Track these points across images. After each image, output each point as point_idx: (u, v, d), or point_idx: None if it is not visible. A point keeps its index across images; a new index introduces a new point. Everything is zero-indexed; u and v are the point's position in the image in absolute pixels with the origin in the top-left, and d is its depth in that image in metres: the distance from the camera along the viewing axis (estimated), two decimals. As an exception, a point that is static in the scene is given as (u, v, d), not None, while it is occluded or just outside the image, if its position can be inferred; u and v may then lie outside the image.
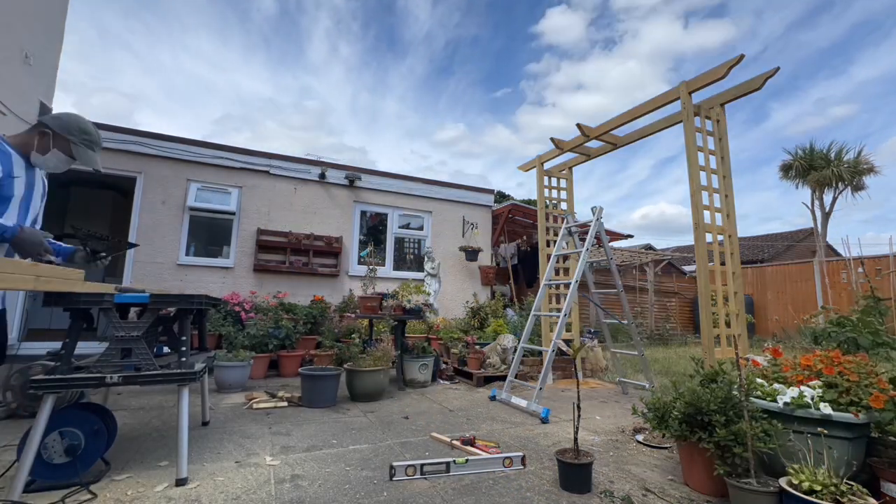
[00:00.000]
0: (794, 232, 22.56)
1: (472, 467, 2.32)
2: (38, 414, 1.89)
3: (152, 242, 5.85)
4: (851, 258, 8.75)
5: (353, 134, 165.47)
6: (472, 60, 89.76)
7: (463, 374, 5.25)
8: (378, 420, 3.31)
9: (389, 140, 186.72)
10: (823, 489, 1.62)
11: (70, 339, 2.07)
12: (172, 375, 2.14)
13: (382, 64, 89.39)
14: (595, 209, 4.30)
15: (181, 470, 2.09)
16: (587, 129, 4.49)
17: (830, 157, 16.81)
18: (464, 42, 75.87)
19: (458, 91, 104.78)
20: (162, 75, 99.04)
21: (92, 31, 39.42)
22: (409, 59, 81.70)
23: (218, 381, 4.23)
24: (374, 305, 4.69)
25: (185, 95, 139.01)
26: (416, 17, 59.99)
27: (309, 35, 62.05)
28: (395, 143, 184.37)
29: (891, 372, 2.14)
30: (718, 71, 3.36)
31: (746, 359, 2.49)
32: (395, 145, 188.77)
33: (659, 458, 2.64)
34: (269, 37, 62.15)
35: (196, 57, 67.02)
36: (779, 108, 59.93)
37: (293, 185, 6.85)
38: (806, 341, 4.94)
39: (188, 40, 52.42)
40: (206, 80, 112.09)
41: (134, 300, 2.18)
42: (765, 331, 11.80)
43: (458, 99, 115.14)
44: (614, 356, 4.80)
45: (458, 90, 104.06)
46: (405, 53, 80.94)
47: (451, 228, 7.97)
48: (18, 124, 4.92)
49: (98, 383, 1.99)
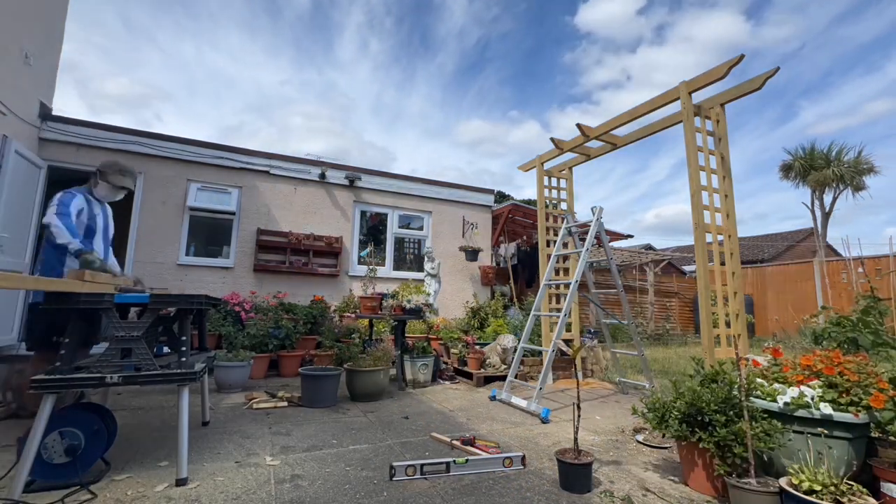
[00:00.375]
0: (794, 232, 22.57)
1: (472, 467, 2.32)
2: (39, 414, 1.89)
3: (152, 242, 5.85)
4: (851, 258, 8.76)
5: (373, 132, 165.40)
6: (502, 56, 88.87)
7: (463, 374, 5.25)
8: (378, 420, 3.31)
9: (410, 139, 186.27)
10: (823, 489, 1.62)
11: (70, 340, 2.07)
12: (173, 375, 2.14)
13: (412, 60, 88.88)
14: (595, 209, 4.30)
15: (181, 470, 2.09)
16: (587, 129, 4.48)
17: (830, 157, 16.83)
18: (496, 37, 75.10)
19: (486, 88, 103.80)
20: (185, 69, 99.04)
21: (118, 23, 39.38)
22: (441, 55, 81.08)
23: (218, 381, 4.23)
24: (374, 305, 4.68)
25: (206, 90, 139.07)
26: (451, 12, 59.55)
27: (340, 30, 61.71)
28: (416, 141, 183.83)
29: (891, 372, 2.14)
30: (718, 71, 3.36)
31: (746, 359, 2.49)
32: (415, 144, 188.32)
33: (659, 458, 2.64)
34: (297, 31, 61.82)
35: (221, 51, 66.74)
36: (808, 107, 58.69)
37: (293, 185, 6.85)
38: (806, 341, 4.94)
39: (216, 34, 52.18)
40: (229, 75, 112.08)
41: (134, 300, 2.19)
42: (765, 331, 11.80)
43: (484, 97, 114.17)
44: (614, 356, 4.80)
45: (485, 87, 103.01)
46: (437, 49, 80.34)
47: (451, 228, 7.97)
48: (18, 124, 4.92)
49: (98, 383, 1.99)
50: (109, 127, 5.83)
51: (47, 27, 5.40)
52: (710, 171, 3.60)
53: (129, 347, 2.13)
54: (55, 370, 1.99)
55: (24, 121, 5.03)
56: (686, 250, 20.21)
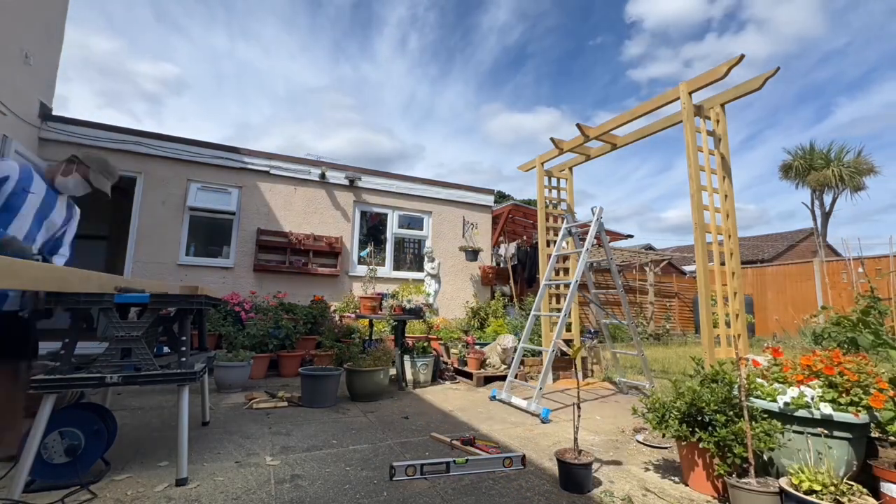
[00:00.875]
0: (794, 232, 22.57)
1: (471, 467, 2.32)
2: (38, 414, 1.89)
3: (152, 242, 5.85)
4: (851, 258, 8.75)
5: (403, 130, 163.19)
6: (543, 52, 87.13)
7: (463, 374, 5.25)
8: (378, 420, 3.31)
9: (440, 134, 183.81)
10: (823, 489, 1.62)
11: (70, 339, 2.07)
12: (172, 375, 2.13)
13: (451, 56, 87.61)
14: (595, 209, 4.30)
15: (181, 470, 2.09)
16: (587, 129, 4.49)
17: (830, 157, 16.83)
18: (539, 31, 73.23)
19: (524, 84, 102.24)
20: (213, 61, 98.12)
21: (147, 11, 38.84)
22: (479, 51, 79.51)
23: (218, 381, 4.23)
24: (374, 305, 4.69)
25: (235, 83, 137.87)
26: (497, 5, 57.59)
27: (379, 24, 60.36)
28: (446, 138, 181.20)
29: (891, 372, 2.14)
30: (718, 71, 3.36)
31: (746, 359, 2.49)
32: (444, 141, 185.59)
33: (659, 458, 2.64)
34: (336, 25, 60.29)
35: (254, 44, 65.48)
36: (845, 104, 57.21)
37: (293, 186, 6.85)
38: (806, 341, 4.94)
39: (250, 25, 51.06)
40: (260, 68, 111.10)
41: (134, 300, 2.18)
42: (765, 331, 11.80)
43: (520, 93, 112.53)
44: (614, 356, 4.80)
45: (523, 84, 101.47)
46: (478, 44, 78.83)
47: (451, 228, 7.97)
48: (18, 124, 4.92)
49: (98, 383, 1.99)
50: (109, 127, 5.83)
51: (47, 27, 5.40)
52: (711, 171, 3.60)
53: (128, 347, 2.13)
54: (55, 370, 1.99)
55: (24, 121, 5.03)
56: (686, 250, 20.21)
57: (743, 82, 3.56)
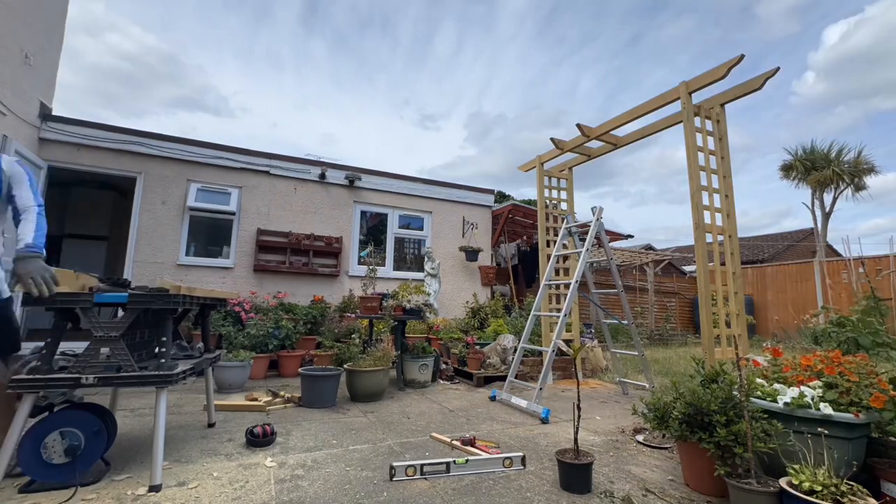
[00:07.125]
0: (794, 232, 22.56)
1: (472, 467, 2.32)
2: (17, 413, 1.94)
3: (152, 242, 5.85)
4: (851, 258, 8.75)
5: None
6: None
7: (463, 374, 5.25)
8: (378, 420, 3.31)
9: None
10: (823, 489, 1.62)
11: (52, 339, 2.05)
12: (149, 377, 2.07)
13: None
14: (595, 209, 4.30)
15: (155, 476, 2.02)
16: (587, 129, 4.49)
17: (831, 156, 16.83)
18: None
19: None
20: None
21: None
22: None
23: (218, 381, 4.22)
24: (374, 305, 4.68)
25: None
26: None
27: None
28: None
29: (891, 372, 2.14)
30: (718, 71, 3.36)
31: (747, 359, 2.49)
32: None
33: (659, 458, 2.64)
34: None
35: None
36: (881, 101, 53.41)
37: (293, 185, 6.85)
38: (806, 341, 4.94)
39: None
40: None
41: (113, 300, 2.13)
42: (765, 331, 11.80)
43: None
44: (614, 356, 4.80)
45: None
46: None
47: (451, 228, 7.97)
48: (18, 124, 4.92)
49: (73, 384, 1.98)
50: (109, 127, 5.83)
51: (47, 27, 5.40)
52: (711, 171, 3.60)
53: (108, 347, 2.08)
54: (35, 370, 1.99)
55: (24, 121, 5.03)
56: (686, 250, 20.21)
57: (743, 82, 3.56)
